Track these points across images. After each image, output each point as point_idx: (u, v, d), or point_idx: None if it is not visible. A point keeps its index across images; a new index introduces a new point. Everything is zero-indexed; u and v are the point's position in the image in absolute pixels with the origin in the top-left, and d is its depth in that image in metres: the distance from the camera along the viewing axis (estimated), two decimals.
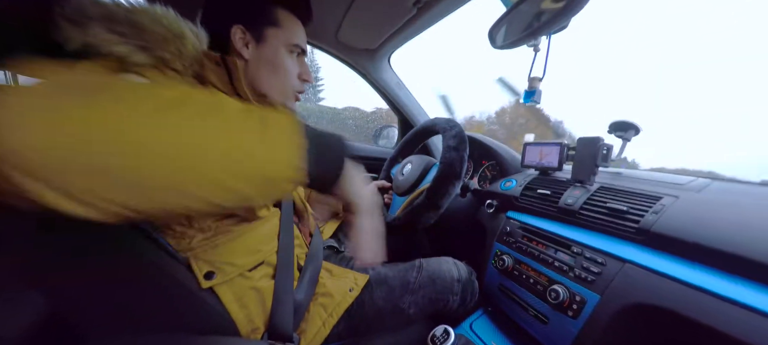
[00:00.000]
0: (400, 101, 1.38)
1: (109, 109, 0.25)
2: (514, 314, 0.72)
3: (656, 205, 0.58)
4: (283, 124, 0.33)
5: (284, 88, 0.62)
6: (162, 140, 0.26)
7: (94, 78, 0.30)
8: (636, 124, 0.75)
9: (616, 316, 0.52)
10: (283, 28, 0.59)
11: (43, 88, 0.25)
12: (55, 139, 0.23)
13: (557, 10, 0.53)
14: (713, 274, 0.45)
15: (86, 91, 0.25)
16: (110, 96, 0.26)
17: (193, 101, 0.29)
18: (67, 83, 0.26)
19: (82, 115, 0.24)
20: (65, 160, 0.23)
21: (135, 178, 0.26)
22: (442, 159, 0.72)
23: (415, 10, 0.84)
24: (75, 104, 0.24)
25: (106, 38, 0.42)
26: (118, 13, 0.43)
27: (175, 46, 0.49)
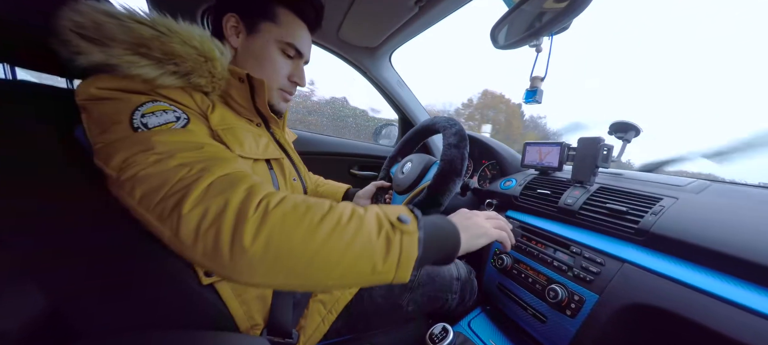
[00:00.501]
0: (400, 100, 1.38)
1: (310, 248, 0.35)
2: (513, 313, 0.72)
3: (656, 207, 0.58)
4: (406, 245, 0.39)
5: (268, 84, 0.59)
6: (328, 254, 0.36)
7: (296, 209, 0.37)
8: (636, 125, 0.75)
9: (615, 316, 0.53)
10: (279, 26, 0.58)
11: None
12: (273, 280, 0.36)
13: (559, 10, 0.53)
14: (711, 275, 0.46)
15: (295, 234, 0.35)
16: (310, 235, 0.35)
17: (340, 224, 0.37)
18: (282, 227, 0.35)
19: (294, 261, 0.35)
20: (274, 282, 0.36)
21: (301, 282, 0.37)
22: (443, 156, 0.72)
23: (417, 9, 0.84)
24: (290, 254, 0.35)
25: (131, 60, 0.41)
26: (149, 40, 0.42)
27: (206, 68, 0.48)
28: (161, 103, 0.43)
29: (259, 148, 0.57)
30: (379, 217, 0.40)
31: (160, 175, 0.36)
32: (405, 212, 0.42)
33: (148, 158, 0.37)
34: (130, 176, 0.37)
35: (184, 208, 0.34)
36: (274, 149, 0.63)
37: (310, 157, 1.28)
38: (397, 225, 0.39)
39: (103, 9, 0.41)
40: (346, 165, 1.44)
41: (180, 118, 0.43)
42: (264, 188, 0.39)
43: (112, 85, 0.41)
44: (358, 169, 1.46)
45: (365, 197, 0.99)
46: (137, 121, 0.39)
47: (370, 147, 1.52)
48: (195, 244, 0.34)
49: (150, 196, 0.36)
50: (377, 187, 1.00)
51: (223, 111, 0.51)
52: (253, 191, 0.37)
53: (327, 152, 1.38)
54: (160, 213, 0.36)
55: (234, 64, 0.58)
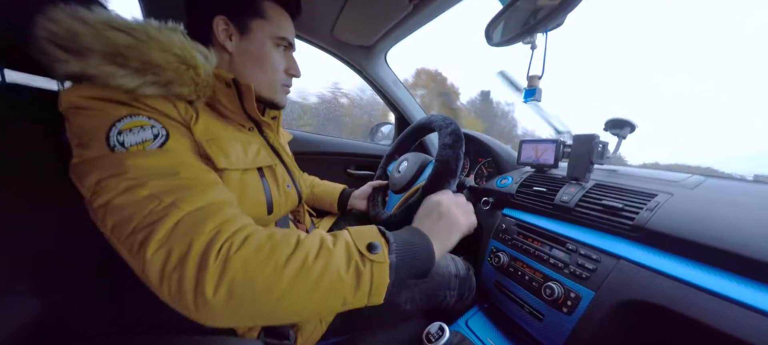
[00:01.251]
0: (396, 98, 1.38)
1: (276, 291, 0.35)
2: (510, 311, 0.72)
3: (651, 203, 0.58)
4: (377, 275, 0.39)
5: (271, 83, 0.60)
6: (295, 296, 0.36)
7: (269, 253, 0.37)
8: (631, 121, 0.75)
9: (611, 313, 0.53)
10: (269, 21, 0.57)
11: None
12: (241, 322, 0.39)
13: (553, 6, 0.53)
14: (707, 271, 0.46)
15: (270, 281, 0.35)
16: (281, 277, 0.36)
17: (307, 264, 0.37)
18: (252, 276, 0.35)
19: (269, 303, 0.35)
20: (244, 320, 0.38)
21: (270, 320, 0.38)
22: (438, 157, 0.72)
23: (411, 7, 0.83)
24: (264, 301, 0.35)
25: (109, 71, 0.39)
26: (125, 49, 0.40)
27: (189, 76, 0.46)
28: (140, 118, 0.41)
29: (248, 157, 0.55)
30: (349, 248, 0.40)
31: (129, 207, 0.36)
32: (376, 237, 0.42)
33: (119, 184, 0.36)
34: (102, 204, 0.36)
35: (148, 250, 0.34)
36: (266, 155, 0.60)
37: (307, 158, 1.28)
38: (367, 255, 0.40)
39: (79, 15, 0.40)
40: (342, 165, 1.44)
41: (158, 135, 0.41)
42: (231, 225, 0.38)
43: (92, 94, 0.40)
44: (355, 168, 1.45)
45: (361, 197, 0.98)
46: (114, 138, 0.38)
47: (366, 146, 1.52)
48: (160, 286, 0.34)
49: (120, 228, 0.36)
50: (373, 187, 1.00)
51: (208, 120, 0.49)
52: (220, 232, 0.36)
53: (323, 152, 1.37)
54: (130, 247, 0.35)
55: (230, 68, 0.56)
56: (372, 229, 0.44)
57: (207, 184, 0.41)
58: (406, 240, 0.45)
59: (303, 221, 0.82)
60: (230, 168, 0.49)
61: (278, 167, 0.64)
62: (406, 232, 0.47)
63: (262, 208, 0.57)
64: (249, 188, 0.54)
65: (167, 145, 0.41)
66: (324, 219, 0.99)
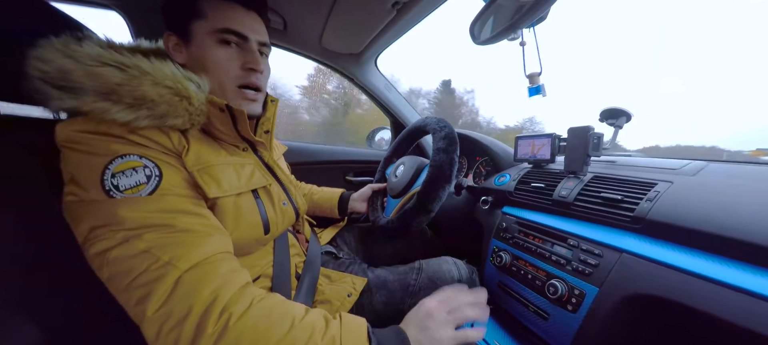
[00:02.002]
0: (390, 103, 1.38)
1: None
2: (515, 311, 0.71)
3: (650, 192, 0.57)
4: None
5: (221, 87, 0.53)
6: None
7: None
8: (627, 110, 0.74)
9: (616, 309, 0.51)
10: (206, 18, 0.51)
11: None
12: None
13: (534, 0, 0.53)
14: (710, 259, 0.44)
15: None
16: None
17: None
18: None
19: None
20: None
21: None
22: (432, 162, 0.71)
23: (395, 12, 0.83)
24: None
25: (103, 107, 0.40)
26: (118, 86, 0.40)
27: (183, 107, 0.46)
28: (132, 159, 0.41)
29: (241, 181, 0.54)
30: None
31: (126, 261, 0.37)
32: (361, 341, 0.43)
33: (115, 235, 0.37)
34: (98, 253, 0.37)
35: (147, 309, 0.36)
36: (260, 176, 0.59)
37: (304, 168, 1.28)
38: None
39: (70, 52, 0.40)
40: (340, 172, 1.44)
41: (151, 176, 0.41)
42: (231, 287, 0.39)
43: (87, 129, 0.41)
44: (354, 175, 1.45)
45: (360, 200, 0.98)
46: (108, 182, 0.39)
47: (364, 152, 1.51)
48: (156, 342, 0.36)
49: (117, 280, 0.37)
50: (373, 190, 0.99)
51: (199, 148, 0.49)
52: (219, 296, 0.38)
53: (320, 161, 1.37)
54: (127, 301, 0.37)
55: (202, 77, 0.54)
56: (361, 331, 0.44)
57: (202, 235, 0.42)
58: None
59: (302, 231, 0.81)
60: (222, 195, 0.49)
61: (273, 186, 0.63)
62: (394, 338, 0.46)
63: (258, 230, 0.57)
64: (244, 211, 0.54)
65: (161, 186, 0.42)
66: (326, 229, 0.98)
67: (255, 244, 0.58)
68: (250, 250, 0.58)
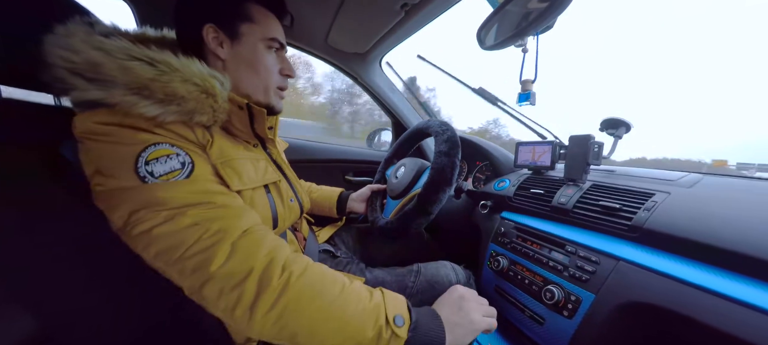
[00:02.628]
0: (392, 104, 1.38)
1: (313, 327, 0.40)
2: (511, 316, 0.72)
3: (648, 202, 0.58)
4: (397, 334, 0.43)
5: (267, 87, 0.59)
6: (326, 332, 0.41)
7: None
8: (627, 121, 0.75)
9: (612, 315, 0.52)
10: (258, 24, 0.56)
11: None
12: (277, 340, 0.40)
13: (542, 9, 0.53)
14: (705, 270, 0.45)
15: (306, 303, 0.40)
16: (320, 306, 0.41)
17: (346, 314, 0.42)
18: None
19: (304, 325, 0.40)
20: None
21: (301, 340, 0.41)
22: (434, 164, 0.72)
23: (403, 13, 0.84)
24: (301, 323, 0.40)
25: (132, 100, 0.40)
26: (150, 82, 0.41)
27: (208, 104, 0.47)
28: (164, 147, 0.42)
29: (258, 175, 0.56)
30: (379, 310, 0.44)
31: (175, 235, 0.38)
32: (403, 311, 0.46)
33: (158, 215, 0.38)
34: (142, 232, 0.38)
35: (210, 269, 0.37)
36: (272, 172, 0.62)
37: (304, 165, 1.28)
38: (391, 325, 0.43)
39: (98, 44, 0.40)
40: (340, 171, 1.44)
41: (185, 163, 0.43)
42: (283, 251, 0.43)
43: (112, 121, 0.41)
44: (353, 175, 1.45)
45: (359, 200, 0.98)
46: (142, 169, 0.39)
47: (364, 152, 1.52)
48: (217, 302, 0.38)
49: (167, 254, 0.38)
50: (372, 190, 0.99)
51: (221, 142, 0.51)
52: (275, 257, 0.41)
53: (320, 159, 1.37)
54: (180, 270, 0.38)
55: (224, 75, 0.56)
56: (402, 303, 0.48)
57: (240, 210, 0.44)
58: (426, 324, 0.48)
59: (300, 229, 0.81)
60: (243, 188, 0.51)
61: (282, 182, 0.65)
62: (429, 316, 0.49)
63: (267, 224, 0.57)
64: (257, 205, 0.55)
65: (194, 173, 0.43)
66: (324, 228, 0.98)
67: None
68: None
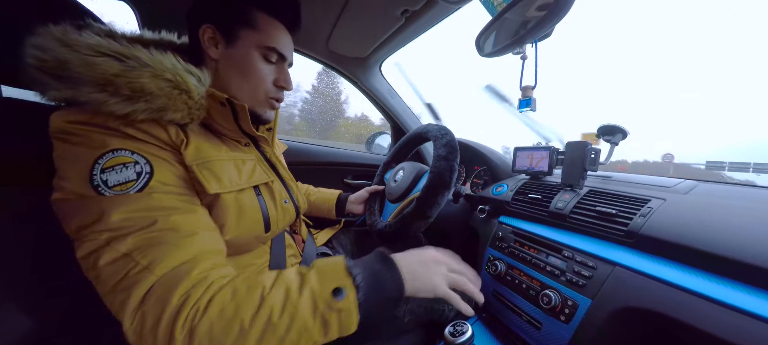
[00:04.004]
0: (392, 109, 1.39)
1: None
2: (508, 320, 0.72)
3: (644, 208, 0.58)
4: (344, 320, 0.40)
5: (254, 94, 0.57)
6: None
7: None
8: (623, 128, 0.76)
9: (608, 320, 0.52)
10: (258, 31, 0.55)
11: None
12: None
13: (541, 17, 0.54)
14: (701, 276, 0.46)
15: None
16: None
17: (272, 322, 0.37)
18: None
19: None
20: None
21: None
22: (432, 168, 0.72)
23: (404, 20, 0.85)
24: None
25: (100, 98, 0.39)
26: (115, 78, 0.40)
27: (182, 100, 0.45)
28: (123, 154, 0.40)
29: (242, 177, 0.54)
30: (314, 297, 0.40)
31: (109, 267, 0.37)
32: (342, 279, 0.42)
33: (101, 236, 0.37)
34: (85, 256, 0.37)
35: (125, 313, 0.35)
36: (262, 172, 0.60)
37: (302, 168, 1.28)
38: (332, 304, 0.40)
39: (68, 40, 0.40)
40: (339, 174, 1.44)
41: (142, 173, 0.41)
42: (201, 286, 0.38)
43: (81, 119, 0.40)
44: (352, 178, 1.45)
45: (358, 202, 0.99)
46: (97, 177, 0.38)
47: (362, 155, 1.52)
48: (139, 343, 0.36)
49: (102, 282, 0.37)
50: (370, 192, 1.00)
51: (198, 143, 0.49)
52: (189, 296, 0.37)
53: (319, 162, 1.38)
54: (111, 304, 0.37)
55: (215, 76, 0.55)
56: (339, 267, 0.43)
57: (186, 234, 0.41)
58: (373, 270, 0.45)
59: (299, 232, 0.81)
60: (223, 191, 0.49)
61: (275, 183, 0.63)
62: (374, 259, 0.47)
63: (259, 227, 0.57)
64: (245, 208, 0.53)
65: (151, 184, 0.41)
66: (323, 231, 0.99)
67: (254, 241, 0.58)
68: (250, 248, 0.58)
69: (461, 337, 0.57)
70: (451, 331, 0.59)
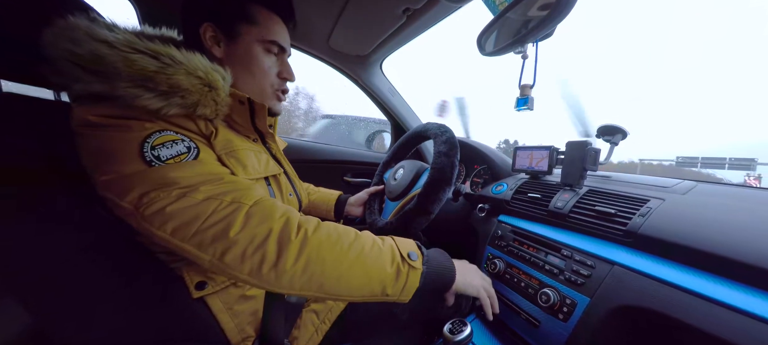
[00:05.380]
0: (392, 107, 1.39)
1: (339, 270, 0.43)
2: (507, 318, 0.72)
3: (643, 208, 0.59)
4: (411, 277, 0.47)
5: (262, 88, 0.60)
6: (351, 275, 0.44)
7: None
8: (623, 128, 0.76)
9: (606, 319, 0.53)
10: (258, 25, 0.56)
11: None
12: (307, 292, 0.42)
13: (542, 17, 0.55)
14: (699, 276, 0.46)
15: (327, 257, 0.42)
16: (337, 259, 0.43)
17: (364, 252, 0.45)
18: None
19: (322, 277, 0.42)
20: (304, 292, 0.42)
21: (329, 294, 0.43)
22: (433, 164, 0.73)
23: (405, 18, 0.85)
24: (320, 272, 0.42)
25: (136, 93, 0.40)
26: (154, 74, 0.41)
27: (211, 97, 0.48)
28: (169, 133, 0.42)
29: (261, 166, 0.58)
30: (393, 250, 0.48)
31: (190, 210, 0.39)
32: (414, 249, 0.50)
33: (170, 193, 0.39)
34: (156, 211, 0.38)
35: (230, 236, 0.38)
36: (273, 165, 0.63)
37: (302, 165, 1.28)
38: (406, 259, 0.48)
39: (101, 36, 0.40)
40: (339, 172, 1.44)
41: (191, 148, 0.44)
42: (293, 213, 0.44)
43: (113, 113, 0.41)
44: (352, 176, 1.46)
45: (357, 204, 0.99)
46: (148, 154, 0.40)
47: (362, 153, 1.52)
48: (241, 265, 0.39)
49: (184, 229, 0.38)
50: (369, 193, 1.00)
51: (225, 133, 0.52)
52: (289, 218, 0.43)
53: (319, 160, 1.38)
54: (199, 243, 0.39)
55: (226, 69, 0.56)
56: (412, 242, 0.52)
57: (249, 185, 0.46)
58: (437, 259, 0.53)
59: None
60: (247, 178, 0.52)
61: (282, 176, 0.66)
62: (438, 252, 0.55)
63: None
64: (285, 204, 0.56)
65: (201, 156, 0.44)
66: None
67: None
68: None
69: (460, 334, 0.58)
70: (450, 328, 0.59)
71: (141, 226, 0.39)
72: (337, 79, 1.32)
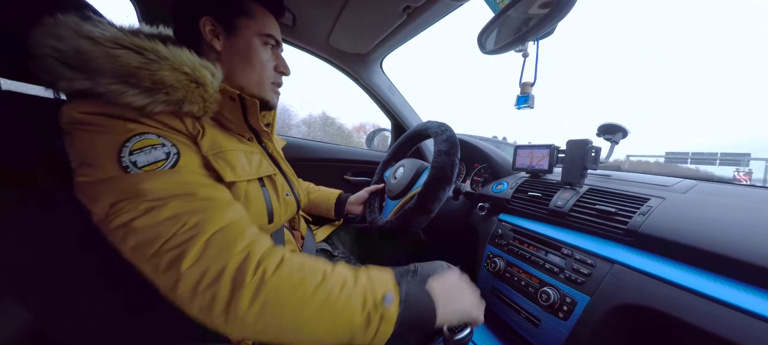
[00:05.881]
0: (392, 105, 1.39)
1: (299, 319, 0.39)
2: (507, 317, 0.72)
3: (643, 207, 0.59)
4: (383, 326, 0.41)
5: (261, 81, 0.60)
6: (315, 324, 0.39)
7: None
8: (624, 127, 0.76)
9: (606, 317, 0.53)
10: (255, 19, 0.57)
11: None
12: (263, 338, 0.38)
13: (543, 15, 0.54)
14: (699, 275, 0.46)
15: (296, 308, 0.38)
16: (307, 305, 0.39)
17: (331, 299, 0.40)
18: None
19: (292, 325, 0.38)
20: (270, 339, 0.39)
21: (292, 336, 0.39)
22: (434, 163, 0.73)
23: (405, 16, 0.85)
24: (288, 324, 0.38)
25: (119, 89, 0.39)
26: (137, 70, 0.40)
27: (198, 93, 0.46)
28: (150, 137, 0.41)
29: (252, 167, 0.56)
30: (365, 293, 0.42)
31: (152, 228, 0.37)
32: (391, 288, 0.44)
33: (138, 206, 0.37)
34: (121, 224, 0.37)
35: (182, 267, 0.36)
36: (267, 165, 0.62)
37: (302, 164, 1.28)
38: (380, 306, 0.42)
39: (86, 32, 0.40)
40: (339, 171, 1.44)
41: (170, 154, 0.42)
42: (260, 245, 0.41)
43: (98, 110, 0.40)
44: (352, 174, 1.45)
45: (357, 203, 0.99)
46: (126, 159, 0.38)
47: (363, 152, 1.52)
48: (192, 301, 0.36)
49: (143, 248, 0.37)
50: (370, 192, 1.00)
51: (213, 133, 0.50)
52: (251, 252, 0.39)
53: (319, 158, 1.38)
54: (155, 266, 0.37)
55: (216, 66, 0.56)
56: (389, 278, 0.46)
57: (223, 204, 0.43)
58: (416, 297, 0.46)
59: (298, 228, 0.82)
60: (237, 180, 0.50)
61: (278, 176, 0.65)
62: (419, 288, 0.48)
63: (263, 218, 0.57)
64: (251, 198, 0.54)
65: (179, 164, 0.42)
66: (322, 228, 0.99)
67: None
68: None
69: (460, 333, 0.58)
70: (450, 326, 0.59)
71: (108, 237, 0.38)
72: (336, 78, 1.32)
